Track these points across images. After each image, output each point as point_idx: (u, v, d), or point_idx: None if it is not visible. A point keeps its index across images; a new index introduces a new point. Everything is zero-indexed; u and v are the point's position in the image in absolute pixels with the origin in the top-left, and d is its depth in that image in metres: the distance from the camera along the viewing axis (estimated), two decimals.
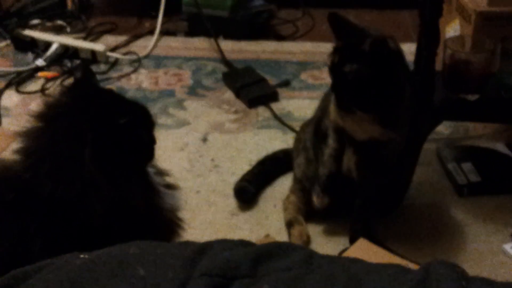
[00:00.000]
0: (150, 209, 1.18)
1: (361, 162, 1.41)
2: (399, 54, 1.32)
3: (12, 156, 1.15)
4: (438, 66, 1.44)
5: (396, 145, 1.38)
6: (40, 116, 1.13)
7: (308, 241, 1.48)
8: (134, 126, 1.13)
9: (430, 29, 1.38)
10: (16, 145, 1.17)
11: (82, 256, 0.78)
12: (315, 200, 1.47)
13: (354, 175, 1.43)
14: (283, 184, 1.66)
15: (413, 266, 1.12)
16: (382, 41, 1.24)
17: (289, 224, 1.52)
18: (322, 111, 1.48)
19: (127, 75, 2.27)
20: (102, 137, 1.07)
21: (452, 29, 1.81)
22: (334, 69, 1.30)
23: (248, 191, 1.62)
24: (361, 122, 1.34)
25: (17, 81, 2.22)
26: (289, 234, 1.50)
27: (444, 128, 1.86)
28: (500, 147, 1.76)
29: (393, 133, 1.35)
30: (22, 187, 1.08)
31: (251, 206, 1.60)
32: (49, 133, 1.11)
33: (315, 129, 1.50)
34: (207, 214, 1.57)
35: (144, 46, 2.47)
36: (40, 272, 0.76)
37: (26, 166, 1.09)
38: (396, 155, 1.41)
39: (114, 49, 2.44)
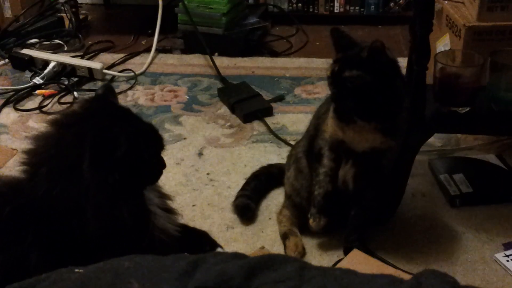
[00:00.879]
0: (139, 228, 1.19)
1: (359, 174, 1.43)
2: (396, 63, 1.35)
3: (10, 172, 1.18)
4: (429, 80, 1.46)
5: (393, 153, 1.40)
6: (53, 123, 1.17)
7: (303, 252, 1.49)
8: (137, 146, 1.14)
9: (420, 44, 1.41)
10: (15, 160, 1.20)
11: (76, 270, 0.80)
12: (312, 223, 1.47)
13: (350, 187, 1.45)
14: (278, 197, 1.68)
15: (405, 276, 1.14)
16: (379, 47, 1.28)
17: (284, 236, 1.53)
18: (315, 129, 1.49)
19: (124, 91, 2.29)
20: (102, 150, 1.09)
21: (442, 43, 1.84)
22: (335, 78, 1.32)
23: (250, 208, 1.62)
24: (362, 132, 1.36)
25: (15, 99, 2.24)
26: (285, 246, 1.51)
27: (436, 140, 1.88)
28: (491, 158, 1.78)
29: (392, 141, 1.37)
30: (21, 193, 1.10)
31: (246, 219, 1.62)
32: (55, 137, 1.14)
33: (308, 148, 1.51)
34: (203, 227, 1.58)
35: (140, 63, 2.50)
36: (36, 286, 0.77)
37: (27, 167, 1.12)
38: (391, 163, 1.42)
39: (111, 66, 2.47)
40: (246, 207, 1.62)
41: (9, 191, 1.13)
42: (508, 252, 1.47)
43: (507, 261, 1.44)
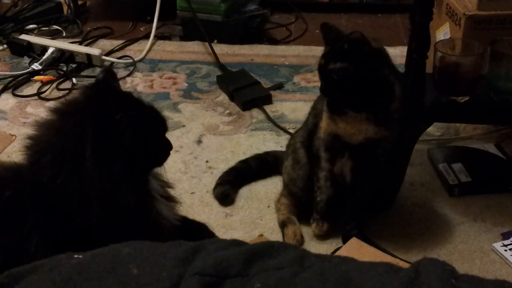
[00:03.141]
0: (143, 214, 1.19)
1: (356, 166, 1.43)
2: (382, 52, 1.36)
3: (8, 158, 1.18)
4: (429, 68, 1.46)
5: (387, 142, 1.40)
6: (54, 111, 1.16)
7: (301, 240, 1.50)
8: (141, 130, 1.14)
9: (420, 33, 1.40)
10: (13, 146, 1.20)
11: (76, 256, 0.80)
12: (314, 228, 1.50)
13: (348, 179, 1.46)
14: (277, 185, 1.68)
15: (404, 264, 1.14)
16: (358, 38, 1.29)
17: (283, 225, 1.53)
18: (314, 126, 1.49)
19: (123, 78, 2.28)
20: (104, 136, 1.09)
21: (442, 32, 1.83)
22: (321, 71, 1.35)
23: (227, 195, 1.64)
24: (355, 123, 1.36)
25: (14, 84, 2.23)
26: (283, 234, 1.51)
27: (435, 129, 1.88)
28: (490, 147, 1.78)
29: (386, 131, 1.37)
30: (22, 178, 1.10)
31: (245, 207, 1.62)
32: (58, 125, 1.14)
33: (307, 140, 1.51)
34: (201, 215, 1.59)
35: (139, 50, 2.49)
36: (35, 272, 0.77)
37: (30, 153, 1.12)
38: (387, 152, 1.43)
39: (109, 53, 2.46)
40: (223, 195, 1.64)
41: (10, 176, 1.13)
42: (506, 242, 1.47)
43: (505, 250, 1.45)
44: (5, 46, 2.50)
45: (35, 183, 1.09)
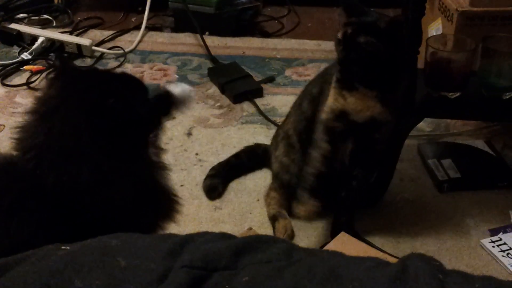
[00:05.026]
0: (152, 186, 1.19)
1: (356, 150, 1.42)
2: (404, 38, 1.37)
3: None
4: (420, 64, 1.46)
5: (388, 129, 1.40)
6: (33, 112, 1.13)
7: (292, 235, 1.50)
8: (125, 101, 1.12)
9: (412, 28, 1.40)
10: (2, 136, 1.16)
11: (63, 247, 0.79)
12: (299, 208, 1.46)
13: (346, 164, 1.44)
14: (266, 178, 1.68)
15: (392, 259, 1.14)
16: (401, 21, 1.33)
17: (274, 218, 1.53)
18: (312, 110, 1.48)
19: (113, 69, 2.27)
20: (95, 120, 1.07)
21: (434, 28, 1.83)
22: (346, 41, 1.32)
23: (215, 188, 1.65)
24: (363, 99, 1.36)
25: (3, 74, 2.21)
26: (274, 228, 1.51)
27: (425, 125, 1.88)
28: (480, 144, 1.79)
29: (390, 115, 1.38)
30: (25, 179, 1.08)
31: (234, 200, 1.62)
32: (45, 126, 1.10)
33: (302, 126, 1.51)
34: (190, 207, 1.58)
35: (130, 41, 2.47)
36: (21, 263, 0.76)
37: (26, 161, 1.09)
38: (385, 140, 1.42)
39: (100, 43, 2.44)
40: (211, 187, 1.65)
41: (15, 169, 1.10)
42: (494, 238, 1.48)
43: (493, 247, 1.45)
44: None
45: (40, 184, 1.07)
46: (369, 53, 1.30)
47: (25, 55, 2.29)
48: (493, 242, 1.47)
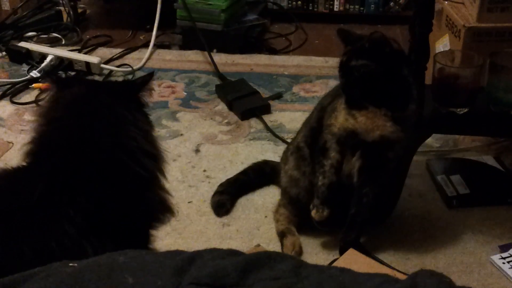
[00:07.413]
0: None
1: (365, 167, 1.41)
2: (401, 53, 1.38)
3: (5, 166, 1.16)
4: (428, 80, 1.46)
5: (400, 148, 1.40)
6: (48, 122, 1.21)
7: (300, 251, 1.49)
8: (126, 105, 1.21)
9: (420, 44, 1.41)
10: (10, 153, 1.19)
11: (71, 264, 0.79)
12: (314, 214, 1.45)
13: (354, 181, 1.43)
14: (274, 195, 1.67)
15: (401, 276, 1.13)
16: (378, 37, 1.33)
17: (282, 235, 1.52)
18: (317, 122, 1.49)
19: None
20: (114, 127, 1.16)
21: (442, 44, 1.84)
22: (343, 67, 1.37)
23: (223, 204, 1.64)
24: (374, 118, 1.36)
25: (12, 92, 2.23)
26: (282, 245, 1.50)
27: (433, 141, 1.88)
28: (489, 159, 1.78)
29: (402, 132, 1.37)
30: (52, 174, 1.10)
31: (242, 217, 1.61)
32: (64, 141, 1.15)
33: (310, 138, 1.51)
34: (198, 224, 1.58)
35: (138, 58, 2.49)
36: (29, 280, 0.76)
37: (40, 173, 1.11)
38: (398, 158, 1.42)
39: (108, 61, 2.46)
40: (219, 204, 1.65)
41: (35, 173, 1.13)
42: (504, 255, 1.47)
43: (503, 263, 1.44)
44: (4, 53, 2.51)
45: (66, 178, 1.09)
46: (364, 74, 1.34)
47: (34, 73, 2.31)
48: (503, 258, 1.46)
